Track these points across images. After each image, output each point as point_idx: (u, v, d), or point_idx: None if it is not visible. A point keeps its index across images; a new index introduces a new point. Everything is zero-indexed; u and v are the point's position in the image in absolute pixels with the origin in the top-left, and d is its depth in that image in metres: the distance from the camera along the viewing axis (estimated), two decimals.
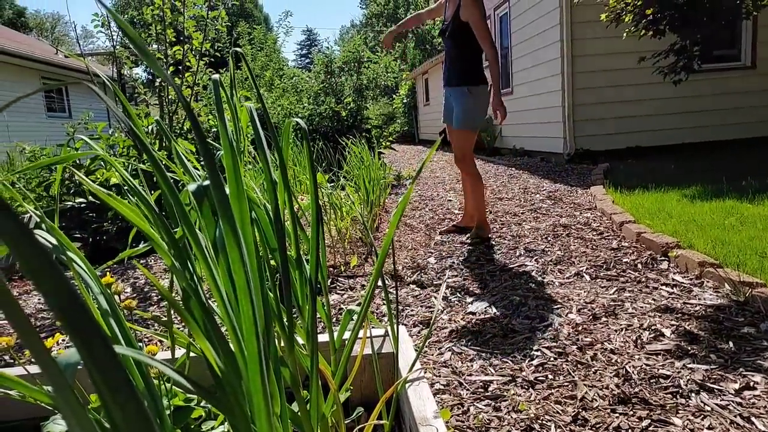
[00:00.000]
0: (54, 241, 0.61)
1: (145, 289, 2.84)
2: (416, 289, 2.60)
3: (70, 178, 4.08)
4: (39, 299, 2.85)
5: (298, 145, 5.05)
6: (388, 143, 8.08)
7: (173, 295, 0.92)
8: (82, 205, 3.75)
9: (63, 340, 2.08)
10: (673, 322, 1.98)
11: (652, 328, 1.94)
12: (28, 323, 0.28)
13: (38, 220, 0.68)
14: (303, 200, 3.40)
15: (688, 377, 1.58)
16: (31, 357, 1.19)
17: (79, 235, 3.62)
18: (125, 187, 0.74)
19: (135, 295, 2.74)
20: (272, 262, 1.07)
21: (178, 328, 2.08)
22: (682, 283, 2.39)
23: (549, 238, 3.35)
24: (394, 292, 2.46)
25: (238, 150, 0.65)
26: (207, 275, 0.58)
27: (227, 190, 0.62)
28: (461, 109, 3.28)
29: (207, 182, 0.57)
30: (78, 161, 4.21)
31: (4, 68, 11.51)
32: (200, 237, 0.69)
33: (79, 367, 0.45)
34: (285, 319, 0.74)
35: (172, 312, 0.85)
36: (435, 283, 2.68)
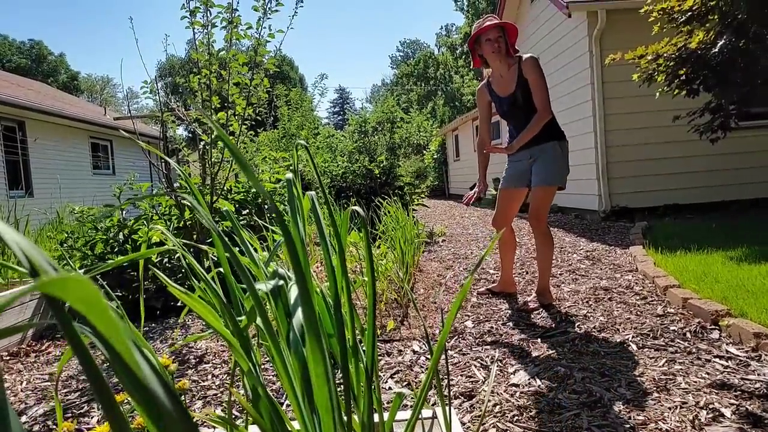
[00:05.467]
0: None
1: (183, 351, 2.85)
2: (455, 356, 2.54)
3: (114, 237, 4.23)
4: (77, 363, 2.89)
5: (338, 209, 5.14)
6: (420, 200, 8.14)
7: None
8: (124, 264, 3.86)
9: None
10: (732, 401, 1.87)
11: (710, 406, 1.84)
12: None
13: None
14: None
15: None
16: None
17: (120, 294, 3.71)
18: (195, 278, 0.77)
19: (173, 357, 2.76)
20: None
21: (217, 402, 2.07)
22: (738, 355, 2.27)
23: (590, 302, 3.25)
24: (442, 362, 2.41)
25: (304, 249, 0.67)
26: (282, 376, 0.58)
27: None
28: (550, 165, 3.18)
29: (281, 282, 0.58)
30: (122, 219, 4.36)
31: (58, 129, 12.28)
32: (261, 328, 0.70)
33: None
34: (344, 413, 0.74)
35: (232, 407, 0.85)
36: (474, 349, 2.62)
